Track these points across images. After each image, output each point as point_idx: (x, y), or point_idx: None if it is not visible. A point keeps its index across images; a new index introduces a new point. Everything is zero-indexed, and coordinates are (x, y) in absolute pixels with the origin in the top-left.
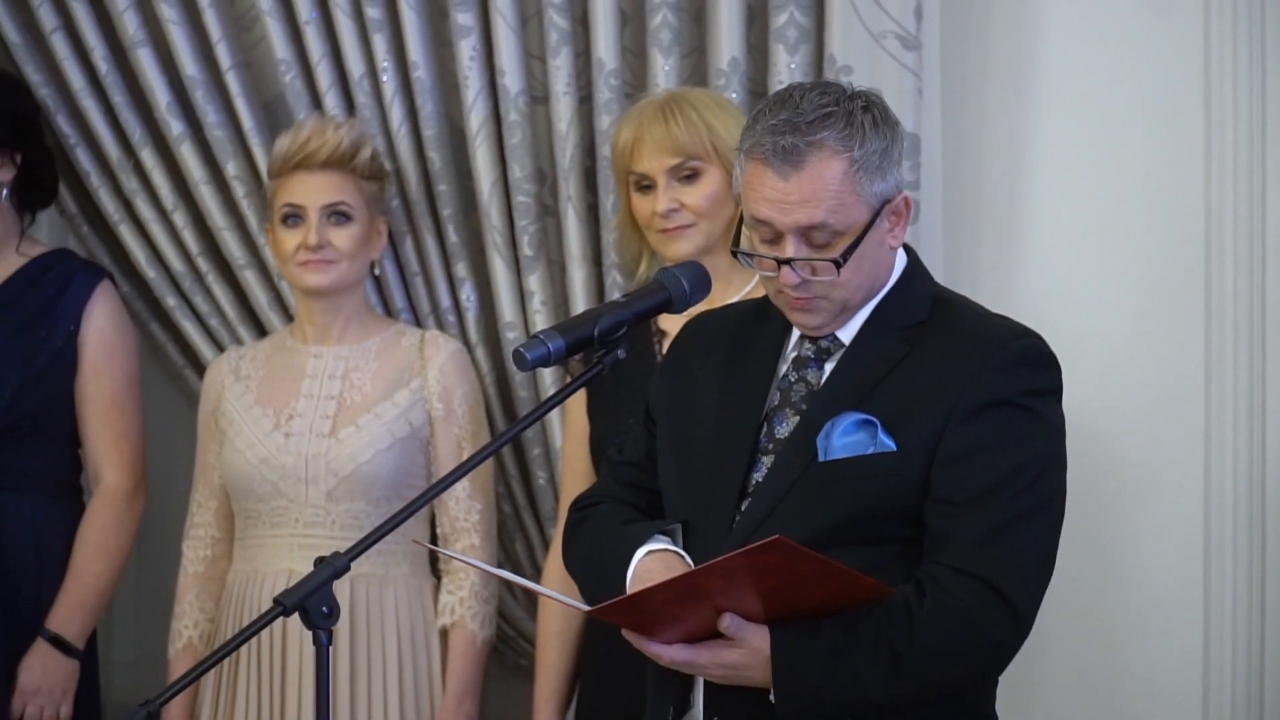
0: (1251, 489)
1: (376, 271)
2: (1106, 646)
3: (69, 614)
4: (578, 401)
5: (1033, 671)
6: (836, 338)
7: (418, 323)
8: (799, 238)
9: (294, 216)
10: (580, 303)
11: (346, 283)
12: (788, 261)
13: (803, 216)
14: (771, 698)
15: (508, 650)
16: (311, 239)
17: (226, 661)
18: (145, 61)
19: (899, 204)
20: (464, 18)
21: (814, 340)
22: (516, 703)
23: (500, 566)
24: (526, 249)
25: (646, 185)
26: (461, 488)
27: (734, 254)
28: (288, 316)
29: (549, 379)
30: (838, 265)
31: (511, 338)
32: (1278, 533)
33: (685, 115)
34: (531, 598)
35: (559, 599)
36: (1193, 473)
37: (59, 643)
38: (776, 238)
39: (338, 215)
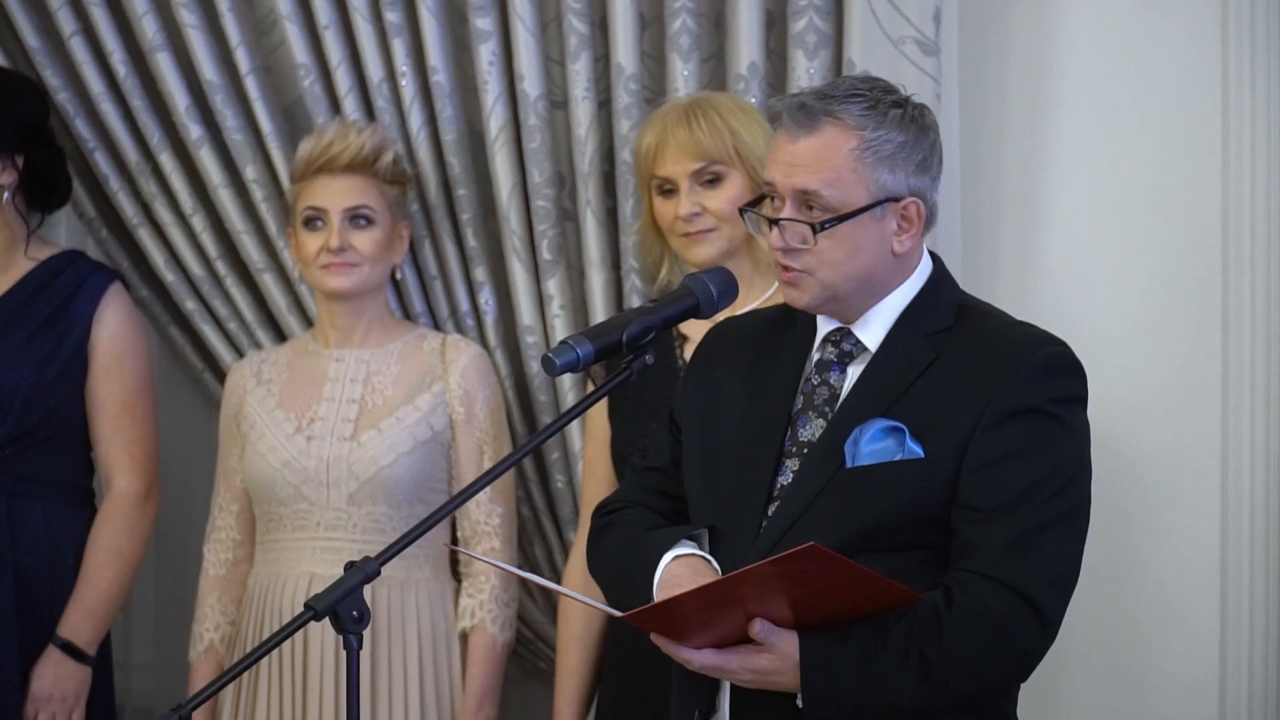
0: (1269, 492)
1: (399, 276)
2: (1124, 647)
3: (81, 620)
4: (599, 406)
5: (1050, 671)
6: (860, 342)
7: (436, 327)
8: (795, 203)
9: (316, 219)
10: (599, 307)
11: (368, 286)
12: (776, 221)
13: (800, 180)
14: (799, 703)
15: (527, 653)
16: (334, 242)
17: None
18: (164, 65)
19: (909, 208)
20: (483, 22)
21: (836, 344)
22: (536, 706)
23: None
24: (545, 253)
25: (669, 189)
26: (483, 492)
27: (741, 212)
28: (306, 320)
29: (567, 383)
30: (814, 229)
31: (530, 342)
32: None
33: (709, 119)
34: (551, 600)
35: (590, 603)
36: (1210, 476)
37: (70, 649)
38: (781, 202)
39: (360, 218)
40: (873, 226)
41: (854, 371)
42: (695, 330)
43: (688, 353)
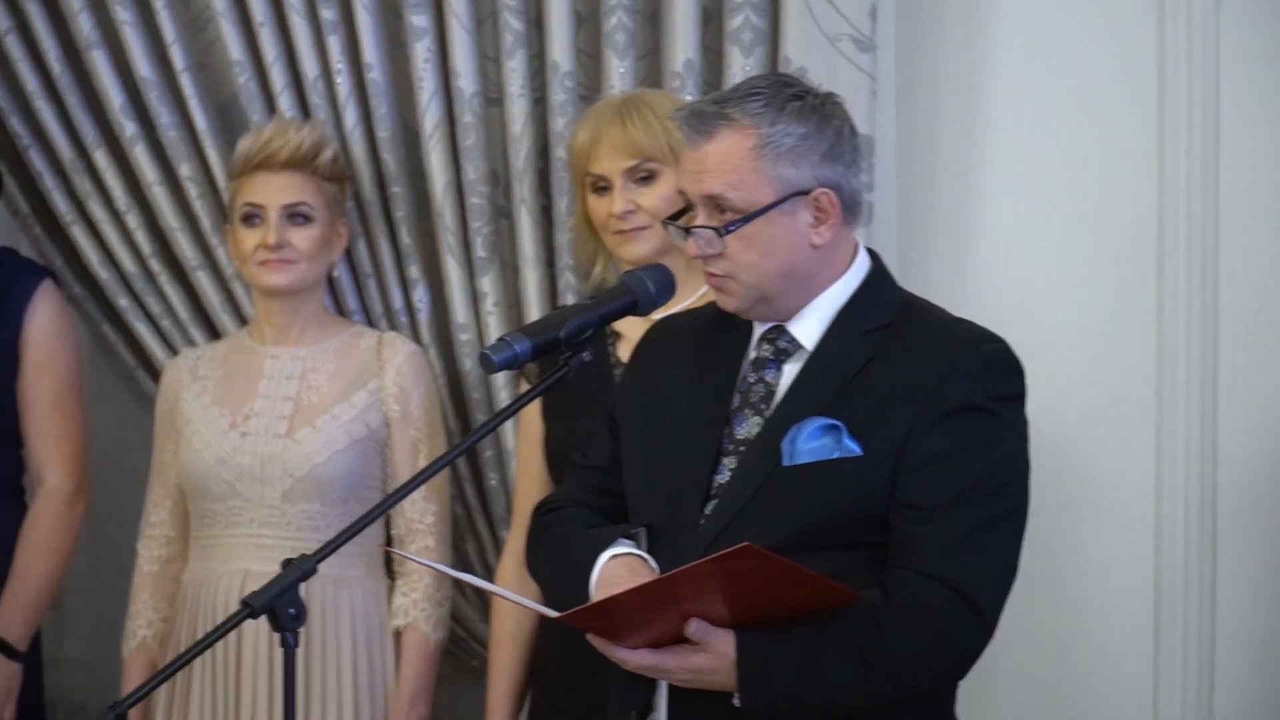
0: (1203, 494)
1: (335, 273)
2: (1059, 644)
3: (11, 616)
4: (532, 404)
5: (986, 668)
6: (795, 339)
7: (370, 324)
8: (707, 209)
9: (254, 216)
10: (533, 304)
11: (305, 283)
12: (689, 230)
13: (705, 186)
14: (736, 702)
15: (460, 652)
16: (271, 238)
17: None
18: (99, 63)
19: (820, 199)
20: (419, 19)
21: (772, 341)
22: (469, 704)
23: (454, 569)
24: (480, 251)
25: (603, 186)
26: (417, 490)
27: (665, 224)
28: (240, 318)
29: (501, 381)
30: (719, 233)
31: (464, 339)
32: (1228, 538)
33: (643, 117)
34: (484, 599)
35: (524, 603)
36: (1144, 473)
37: (1, 645)
38: (696, 210)
39: (298, 215)
40: (784, 222)
41: (790, 369)
42: (629, 328)
43: (621, 350)
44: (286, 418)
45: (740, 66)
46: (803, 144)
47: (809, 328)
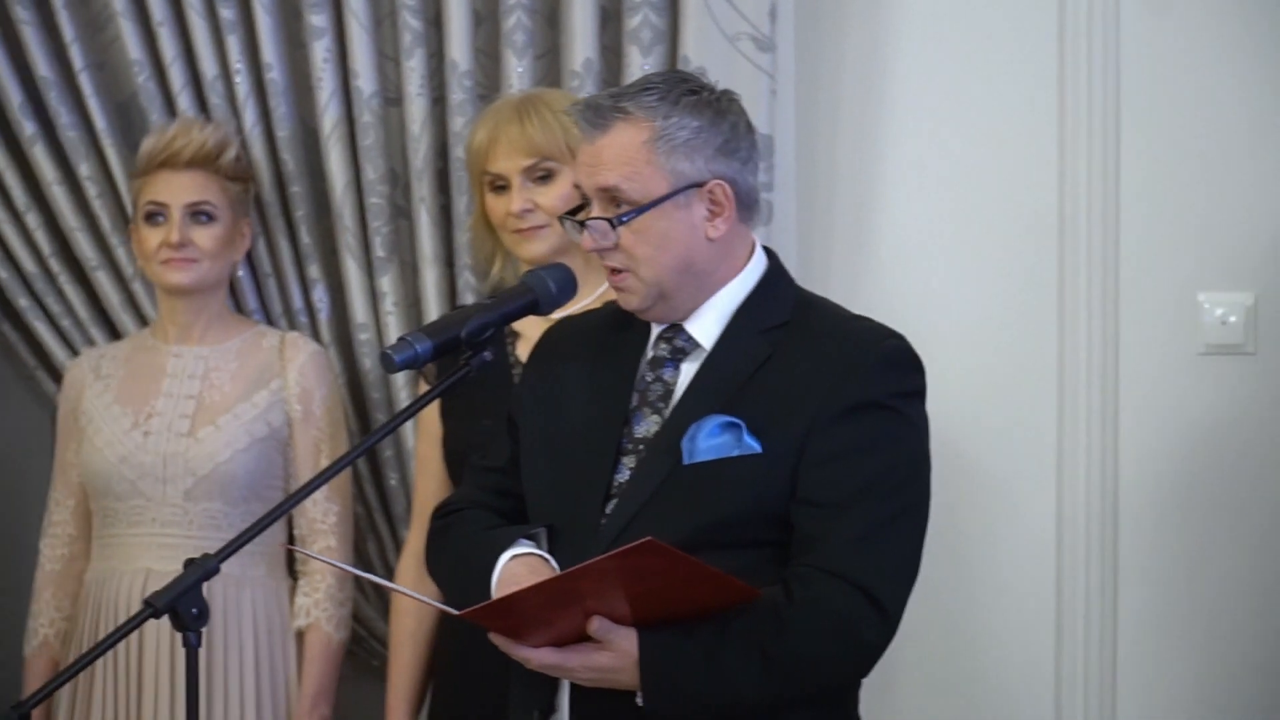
0: (1104, 492)
1: (239, 273)
2: (960, 642)
3: None
4: (431, 403)
5: (886, 673)
6: (692, 338)
7: (270, 323)
8: (602, 202)
9: (157, 214)
10: (432, 304)
11: (208, 282)
12: (583, 222)
13: (601, 179)
14: (639, 701)
15: (359, 651)
16: (174, 237)
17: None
18: None
19: (715, 191)
20: (318, 19)
21: (669, 340)
22: (368, 703)
23: (356, 568)
24: (379, 250)
25: (501, 185)
26: (319, 490)
27: (561, 220)
28: (140, 318)
29: (400, 380)
30: (612, 224)
31: (364, 339)
32: (1129, 534)
33: (540, 116)
34: (384, 598)
35: (427, 601)
36: (1045, 475)
37: None
38: (592, 204)
39: (201, 214)
40: (679, 216)
41: (688, 368)
42: (528, 328)
43: (521, 350)
44: (189, 416)
45: (639, 66)
46: (697, 137)
47: (706, 326)
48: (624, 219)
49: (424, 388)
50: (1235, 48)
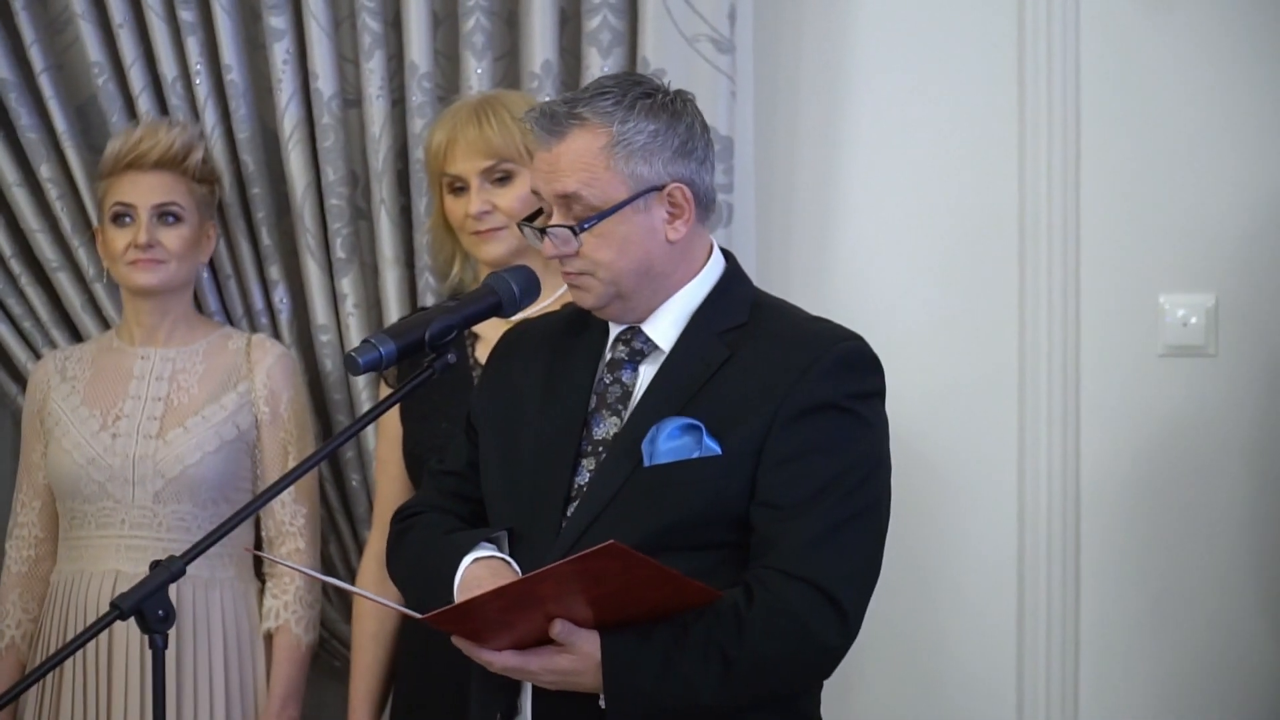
0: (1065, 490)
1: (202, 274)
2: (921, 644)
3: None
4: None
5: (849, 673)
6: (650, 340)
7: (231, 325)
8: (561, 208)
9: (125, 215)
10: (393, 305)
11: (175, 283)
12: (544, 230)
13: (559, 185)
14: (602, 704)
15: (321, 652)
16: (141, 238)
17: None
18: None
19: (674, 194)
20: (277, 21)
21: (627, 342)
22: (331, 705)
23: (319, 571)
24: (340, 251)
25: (459, 187)
26: (286, 492)
27: (520, 227)
28: (101, 319)
29: (362, 382)
30: (574, 231)
31: (325, 340)
32: (1091, 532)
33: (499, 117)
34: (346, 600)
35: (390, 605)
36: (1007, 474)
37: None
38: (550, 211)
39: (168, 215)
40: (639, 219)
41: (646, 370)
42: (488, 330)
43: (480, 353)
44: (157, 418)
45: (599, 67)
46: (654, 141)
47: (664, 328)
48: (585, 226)
49: (385, 389)
50: (1195, 49)
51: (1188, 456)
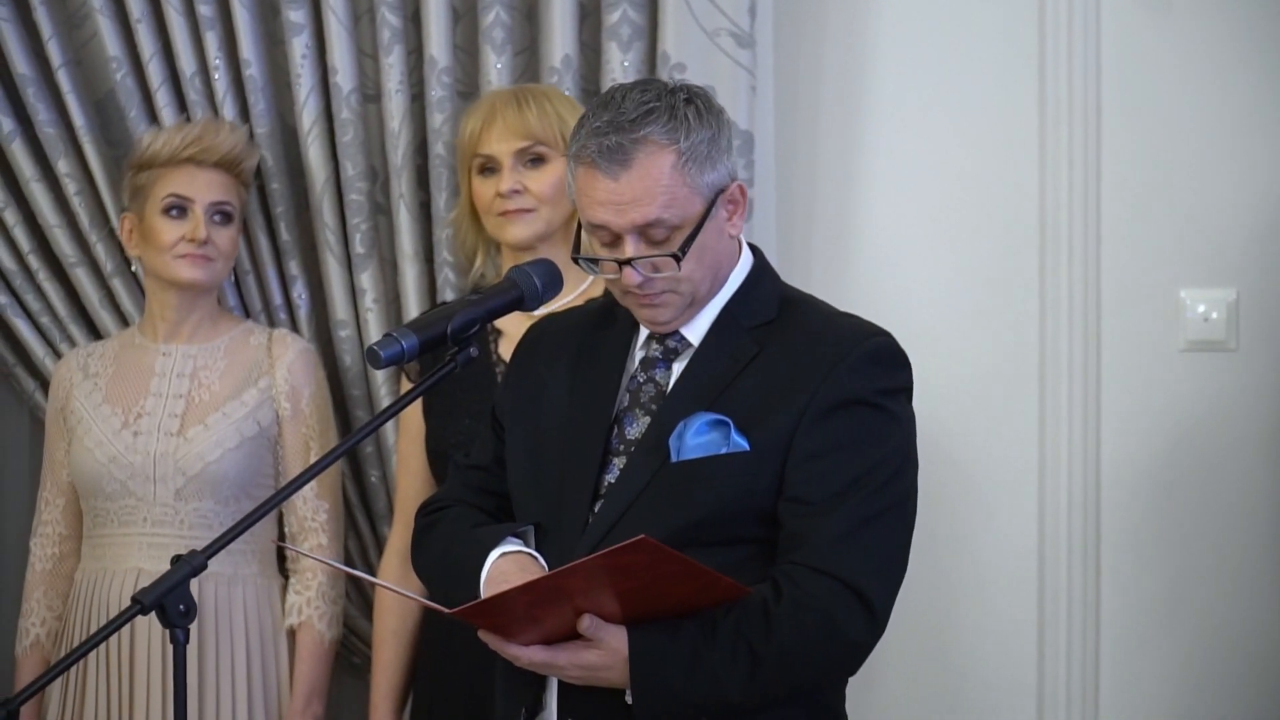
0: (1086, 487)
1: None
2: (943, 640)
3: None
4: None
5: (871, 670)
6: (684, 338)
7: (250, 320)
8: (637, 236)
9: (179, 208)
10: (412, 300)
11: (217, 281)
12: (628, 262)
13: (638, 215)
14: (628, 698)
15: (343, 649)
16: (200, 233)
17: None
18: None
19: (734, 192)
20: (296, 15)
21: (661, 340)
22: (351, 702)
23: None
24: (358, 247)
25: (491, 168)
26: (309, 487)
27: (575, 260)
28: (119, 315)
29: (381, 377)
30: (677, 259)
31: (343, 336)
32: (1111, 527)
33: (539, 103)
34: (367, 596)
35: (417, 599)
36: (1027, 470)
37: None
38: (615, 239)
39: (222, 215)
40: (711, 226)
41: (679, 368)
42: (511, 326)
43: (503, 349)
44: (178, 416)
45: (618, 62)
46: (713, 146)
47: (697, 325)
48: (685, 249)
49: (405, 384)
50: (1217, 43)
51: (1208, 451)
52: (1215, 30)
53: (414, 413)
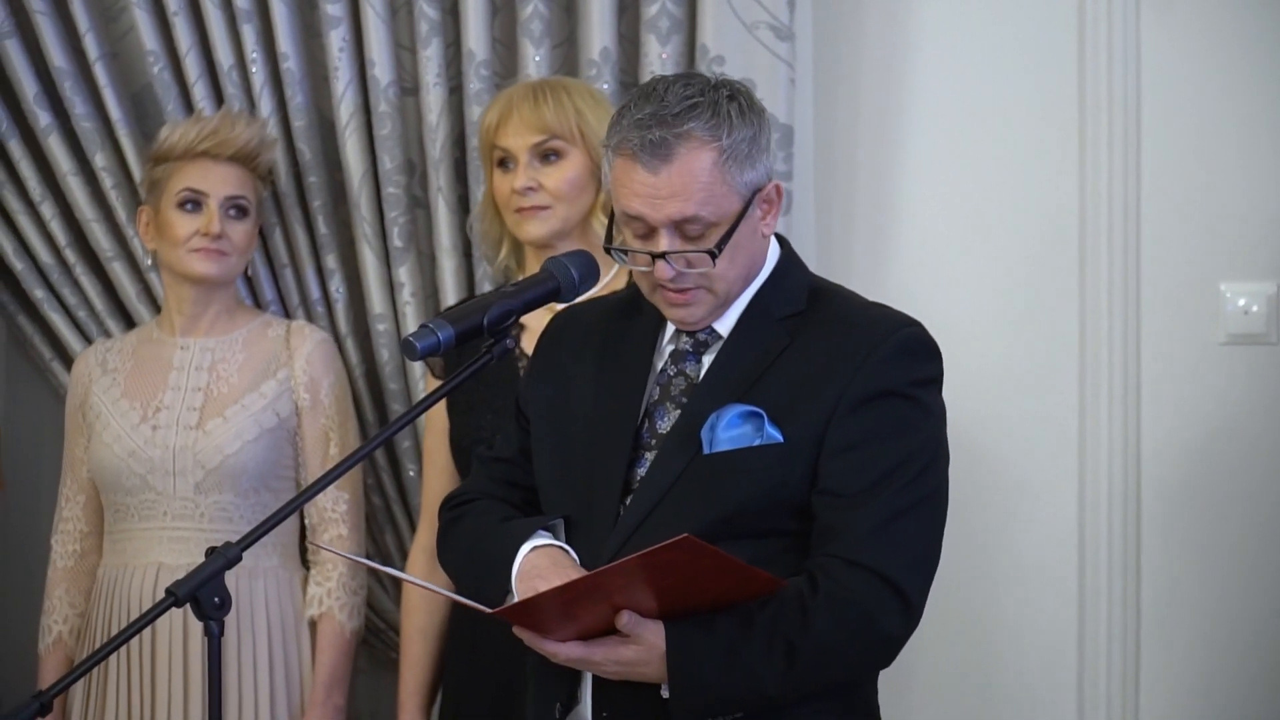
0: (1126, 483)
1: (250, 272)
2: (981, 642)
3: None
4: None
5: (907, 667)
6: (714, 330)
7: (287, 315)
8: (672, 231)
9: (193, 202)
10: (450, 294)
11: (232, 276)
12: (662, 255)
13: (675, 210)
14: (664, 693)
15: (378, 643)
16: (215, 227)
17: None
18: (13, 52)
19: (770, 192)
20: (333, 8)
21: (691, 333)
22: (387, 696)
23: (369, 559)
24: (396, 240)
25: (509, 163)
26: None
27: (608, 250)
28: (156, 308)
29: (418, 371)
30: (713, 256)
31: (381, 329)
32: (1152, 527)
33: (555, 96)
34: (402, 590)
35: (450, 595)
36: (1067, 464)
37: None
38: (649, 232)
39: (237, 209)
40: (747, 225)
41: (709, 360)
42: (533, 320)
43: (526, 343)
44: (197, 409)
45: (657, 55)
46: (754, 145)
47: (726, 316)
48: (722, 246)
49: (433, 382)
50: (1255, 37)
51: (1249, 445)
52: (1254, 25)
53: (438, 409)
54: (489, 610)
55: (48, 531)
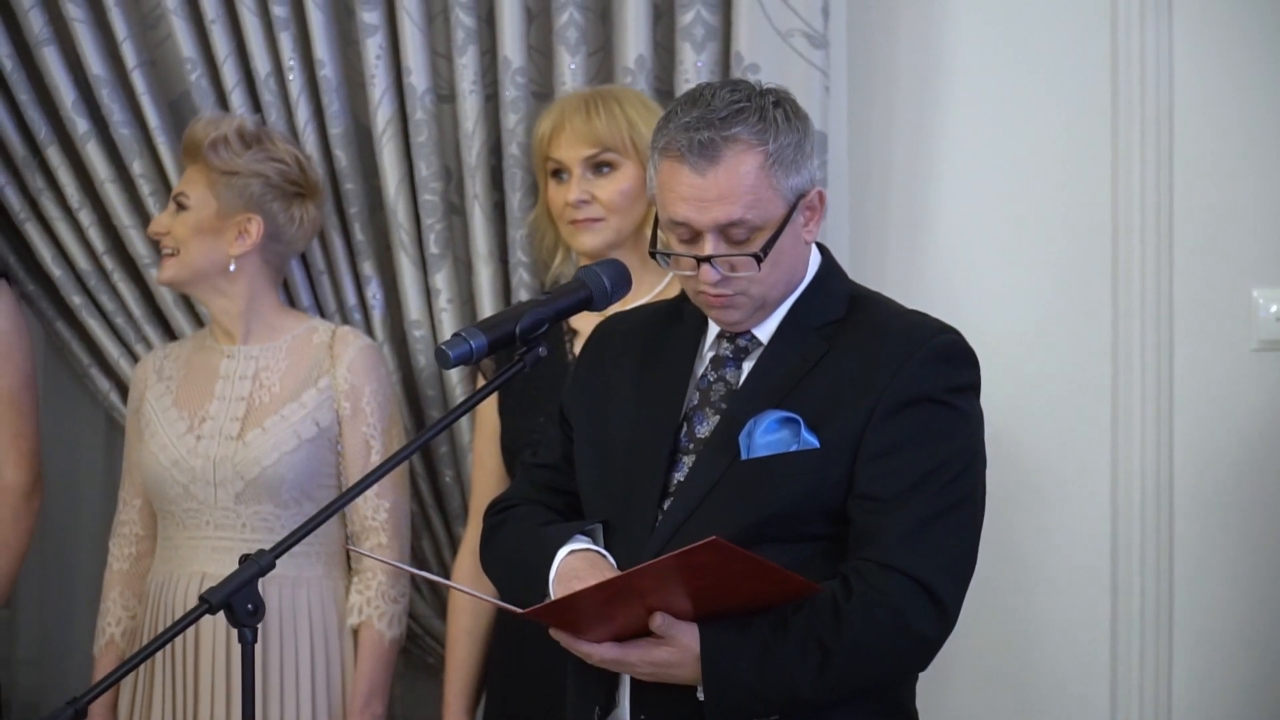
0: (1159, 486)
1: (233, 268)
2: (1014, 644)
3: None
4: (488, 399)
5: (941, 669)
6: (754, 336)
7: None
8: (717, 235)
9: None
10: (486, 301)
11: (180, 279)
12: (707, 259)
13: (721, 213)
14: (700, 695)
15: (414, 648)
16: (155, 225)
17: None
18: (51, 60)
19: (813, 198)
20: (370, 16)
21: (732, 339)
22: (424, 702)
23: (413, 566)
24: (433, 247)
25: (562, 174)
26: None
27: (652, 255)
28: (194, 315)
29: (455, 377)
30: (758, 260)
31: (418, 336)
32: (1184, 529)
33: (608, 108)
34: (440, 596)
35: (484, 598)
36: (1100, 470)
37: None
38: (694, 236)
39: (177, 203)
40: (791, 230)
41: (749, 366)
42: (585, 325)
43: (578, 348)
44: (239, 419)
45: (692, 63)
46: (799, 151)
47: (767, 323)
48: (767, 251)
49: (481, 384)
50: None
51: None
52: None
53: (489, 411)
54: (520, 611)
55: (87, 536)
